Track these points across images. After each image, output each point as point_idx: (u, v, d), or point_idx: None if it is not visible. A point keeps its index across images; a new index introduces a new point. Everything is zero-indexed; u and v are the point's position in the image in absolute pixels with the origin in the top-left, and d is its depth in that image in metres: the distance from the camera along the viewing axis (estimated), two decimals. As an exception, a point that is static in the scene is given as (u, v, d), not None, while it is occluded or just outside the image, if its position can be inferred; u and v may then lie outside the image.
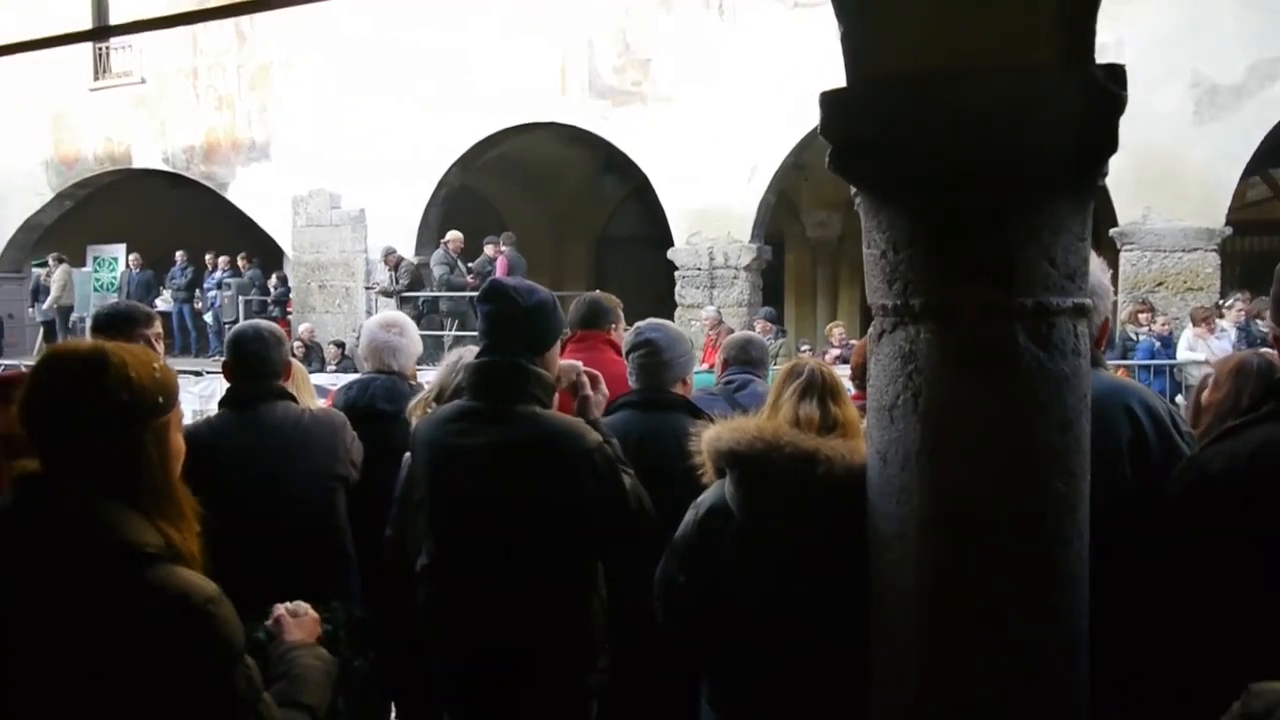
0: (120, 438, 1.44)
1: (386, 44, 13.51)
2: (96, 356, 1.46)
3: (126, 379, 1.44)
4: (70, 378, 1.45)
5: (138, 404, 1.45)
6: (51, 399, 1.45)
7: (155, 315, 3.24)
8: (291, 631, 1.76)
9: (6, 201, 17.38)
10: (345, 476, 3.06)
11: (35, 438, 1.47)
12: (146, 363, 1.50)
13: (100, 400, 1.42)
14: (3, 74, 15.59)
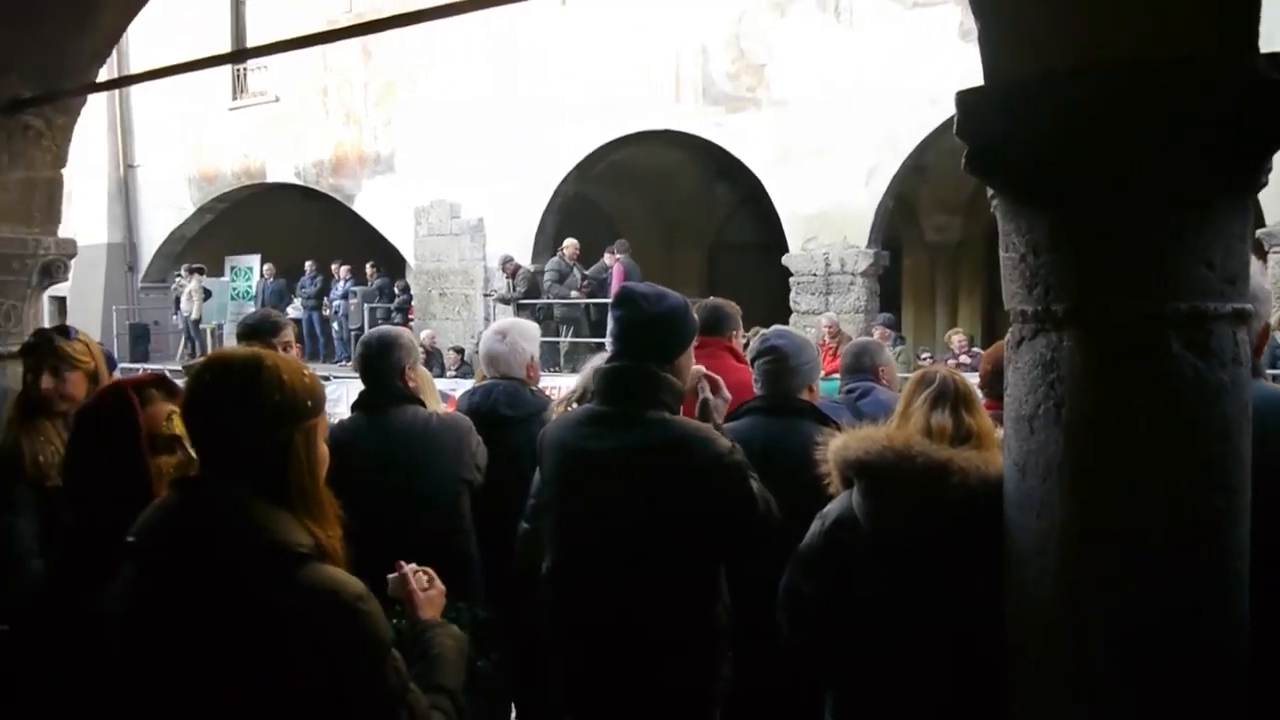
0: (273, 440, 1.50)
1: (504, 57, 13.80)
2: (252, 362, 1.53)
3: (280, 383, 1.50)
4: (228, 382, 1.52)
5: (290, 407, 1.51)
6: (210, 403, 1.53)
7: (289, 323, 3.38)
8: (423, 608, 1.80)
9: (153, 216, 18.47)
10: (470, 480, 3.12)
11: (195, 440, 1.55)
12: (298, 368, 1.56)
13: (255, 403, 1.49)
14: (151, 97, 16.57)
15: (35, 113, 3.77)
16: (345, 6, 15.44)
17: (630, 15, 12.99)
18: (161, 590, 1.45)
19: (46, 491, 2.95)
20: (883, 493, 2.07)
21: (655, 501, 2.31)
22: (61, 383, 3.09)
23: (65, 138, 3.93)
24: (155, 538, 1.48)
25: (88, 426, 1.97)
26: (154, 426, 1.93)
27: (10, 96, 3.68)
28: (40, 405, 3.06)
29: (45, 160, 3.89)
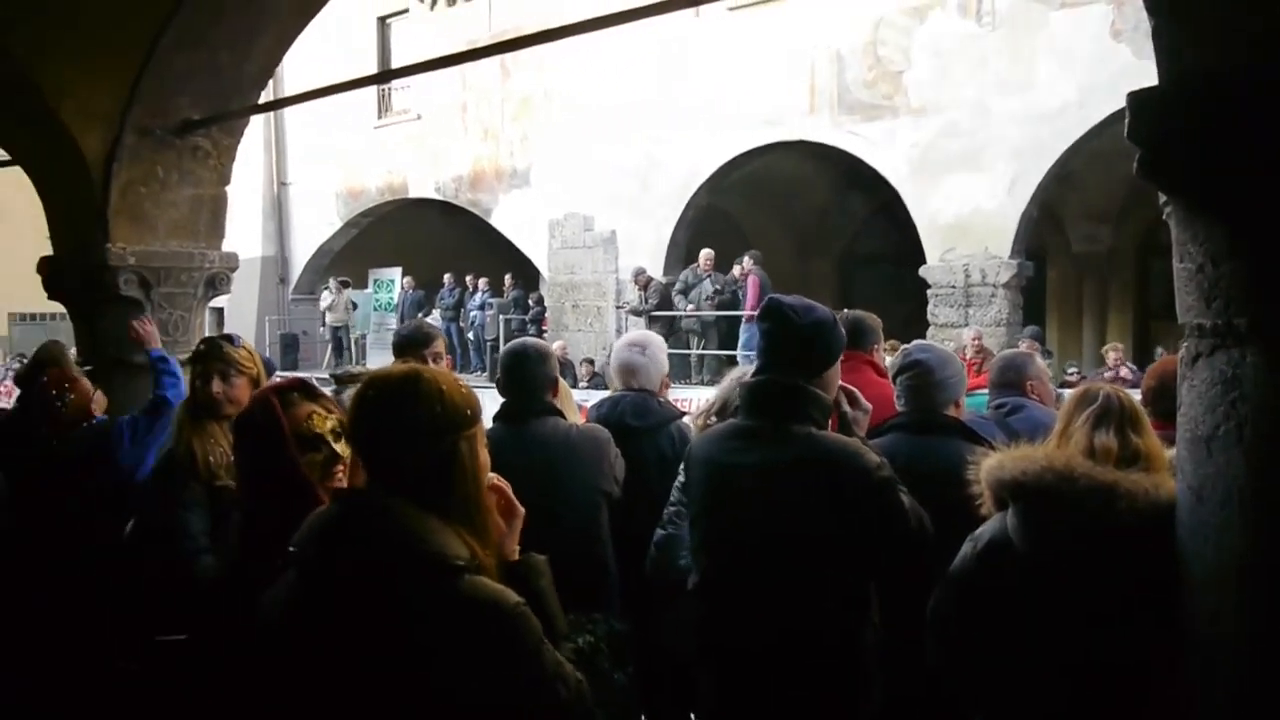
0: (434, 452, 1.54)
1: (636, 71, 13.92)
2: (410, 378, 1.58)
3: (438, 395, 1.54)
4: (388, 400, 1.57)
5: (449, 418, 1.54)
6: (372, 420, 1.58)
7: (439, 334, 3.48)
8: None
9: (303, 230, 19.41)
10: (609, 492, 3.13)
11: (360, 453, 1.60)
12: (454, 380, 1.60)
13: (415, 418, 1.53)
14: (302, 118, 17.43)
15: (203, 134, 4.01)
16: (484, 26, 15.91)
17: (763, 26, 12.94)
18: (322, 598, 1.50)
19: (216, 490, 3.12)
20: (1041, 516, 1.98)
21: (803, 518, 2.27)
22: (228, 387, 3.26)
23: (230, 157, 4.16)
24: (317, 547, 1.53)
25: (243, 431, 2.07)
26: (297, 426, 2.04)
27: (181, 119, 3.93)
28: (208, 408, 3.24)
29: (211, 178, 4.14)
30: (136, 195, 3.88)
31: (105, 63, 3.71)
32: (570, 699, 1.53)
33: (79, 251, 3.93)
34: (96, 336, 3.93)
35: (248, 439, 2.07)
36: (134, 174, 3.85)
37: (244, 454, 2.10)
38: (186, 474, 3.13)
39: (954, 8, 11.70)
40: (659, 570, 2.96)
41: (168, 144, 3.92)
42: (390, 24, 18.02)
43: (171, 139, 3.92)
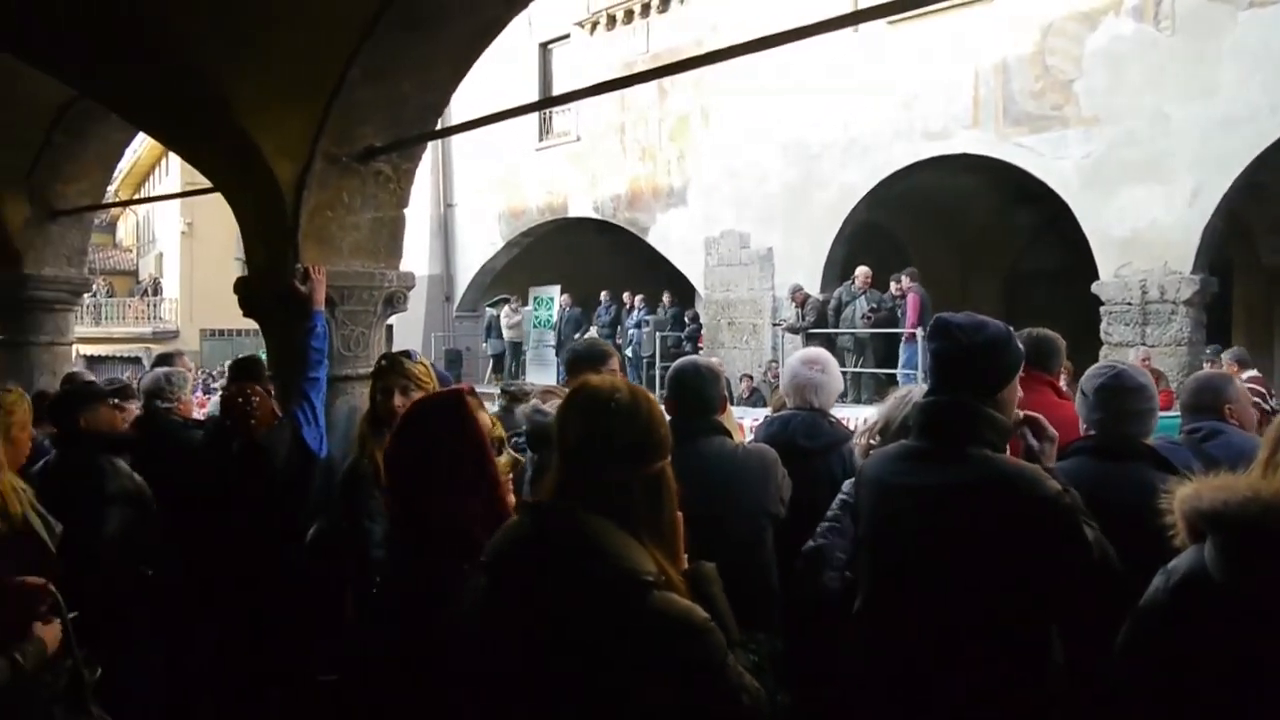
0: (640, 474, 1.56)
1: (794, 87, 13.85)
2: (638, 397, 1.61)
3: (654, 416, 1.57)
4: (611, 415, 1.59)
5: (658, 443, 1.57)
6: (590, 432, 1.60)
7: (614, 352, 3.53)
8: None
9: (467, 250, 20.17)
10: (775, 513, 3.11)
11: (564, 465, 1.62)
12: (657, 401, 1.62)
13: (626, 439, 1.55)
14: (467, 143, 18.13)
15: (384, 160, 4.22)
16: (643, 48, 16.18)
17: (924, 39, 12.66)
18: (513, 607, 1.55)
19: (396, 501, 3.27)
20: (1245, 549, 1.84)
21: (975, 544, 2.18)
22: (409, 401, 3.40)
23: (408, 181, 4.37)
24: (511, 557, 1.58)
25: (438, 424, 2.08)
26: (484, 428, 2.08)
27: (365, 146, 4.15)
28: (389, 421, 3.39)
29: (391, 201, 4.34)
30: (323, 218, 4.12)
31: (298, 97, 3.96)
32: (751, 708, 1.54)
33: (271, 272, 4.19)
34: (286, 351, 4.18)
35: (446, 432, 2.04)
36: (321, 199, 4.09)
37: (443, 448, 2.06)
38: (370, 484, 3.29)
39: (1129, 12, 11.14)
40: (801, 582, 2.92)
41: (352, 170, 4.15)
42: (552, 50, 18.56)
43: (355, 165, 4.15)
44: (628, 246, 17.67)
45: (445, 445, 1.98)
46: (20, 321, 6.90)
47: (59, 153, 6.54)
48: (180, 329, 26.82)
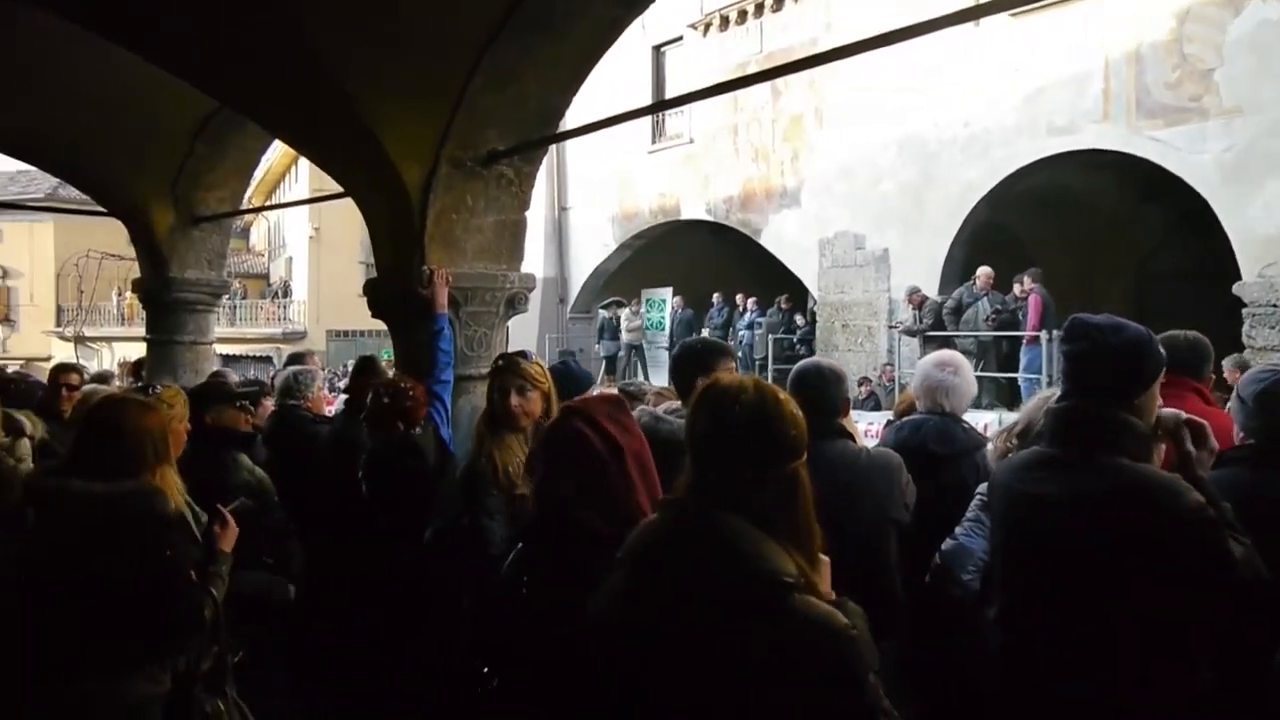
0: (779, 474, 1.54)
1: (912, 84, 13.56)
2: (772, 396, 1.59)
3: (786, 416, 1.54)
4: (747, 414, 1.57)
5: (797, 443, 1.54)
6: (725, 432, 1.57)
7: (731, 351, 3.51)
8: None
9: (581, 253, 20.40)
10: (899, 520, 3.04)
11: (695, 466, 1.61)
12: (790, 400, 1.59)
13: (774, 437, 1.53)
14: (581, 146, 18.32)
15: (507, 163, 4.29)
16: (755, 48, 16.08)
17: (1050, 30, 12.22)
18: (651, 605, 1.54)
19: (514, 499, 3.32)
20: None
21: (1110, 555, 2.08)
22: (524, 401, 3.46)
23: (530, 184, 4.43)
24: (649, 554, 1.57)
25: (585, 428, 2.09)
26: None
27: (488, 150, 4.23)
28: (506, 421, 3.45)
29: (513, 205, 4.42)
30: (448, 222, 4.21)
31: (424, 103, 4.07)
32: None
33: (397, 274, 4.31)
34: (413, 351, 4.29)
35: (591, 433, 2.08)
36: (446, 202, 4.19)
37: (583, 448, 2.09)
38: (488, 483, 3.34)
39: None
40: (940, 580, 2.84)
41: (476, 174, 4.24)
42: (664, 52, 18.61)
43: (479, 169, 4.23)
44: (740, 248, 17.58)
45: (592, 448, 2.00)
46: (166, 321, 7.29)
47: (201, 162, 6.87)
48: (308, 330, 27.87)
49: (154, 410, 2.94)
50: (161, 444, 2.83)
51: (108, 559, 2.56)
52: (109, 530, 2.58)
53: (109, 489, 2.63)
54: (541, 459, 2.17)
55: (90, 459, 2.73)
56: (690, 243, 19.05)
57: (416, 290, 4.09)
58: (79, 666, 2.60)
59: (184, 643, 2.71)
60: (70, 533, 2.62)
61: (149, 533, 2.61)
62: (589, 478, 1.99)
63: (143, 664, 2.65)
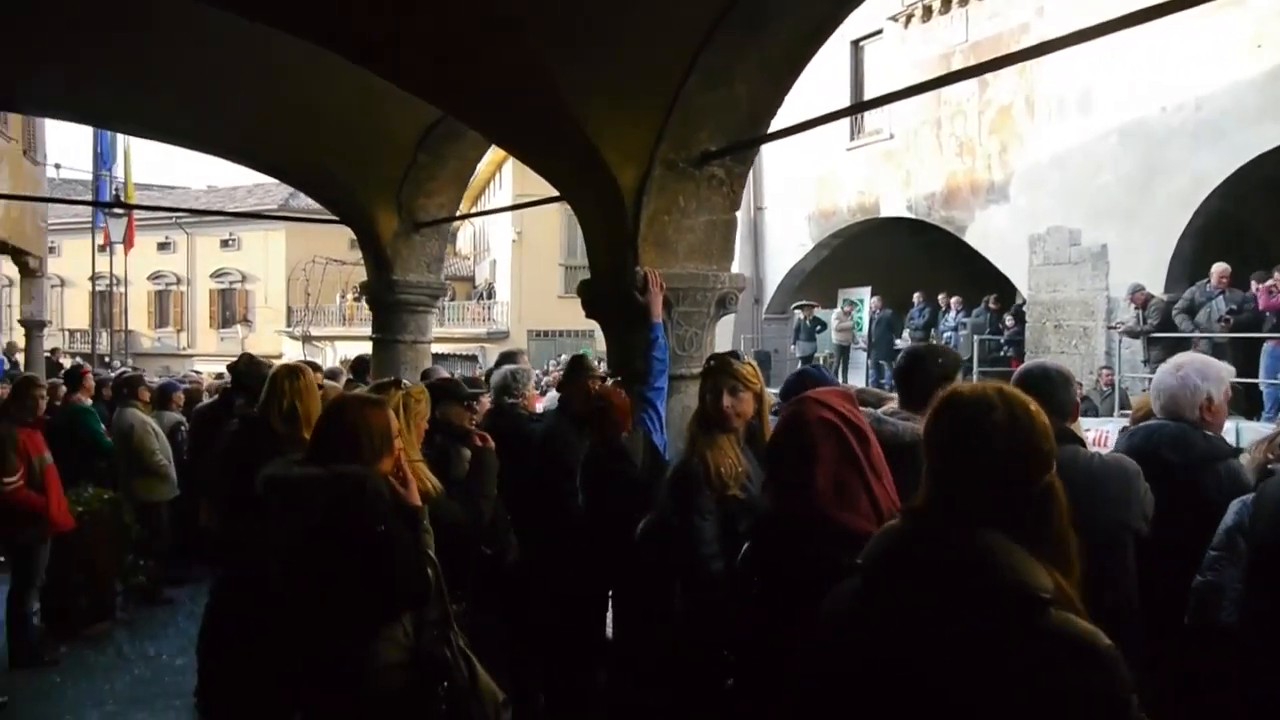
0: (1037, 485, 1.48)
1: (1133, 65, 12.66)
2: (1024, 406, 1.52)
3: (1046, 429, 1.48)
4: (1001, 424, 1.51)
5: (1046, 452, 1.48)
6: (975, 442, 1.53)
7: (960, 359, 3.40)
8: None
9: (777, 253, 20.26)
10: (1137, 530, 2.85)
11: (941, 473, 1.56)
12: (1039, 410, 1.52)
13: (1027, 448, 1.48)
14: (778, 147, 18.18)
15: (719, 163, 4.31)
16: (961, 38, 15.49)
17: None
18: (889, 615, 1.50)
19: (726, 500, 3.33)
20: None
21: None
22: (736, 401, 3.46)
23: (741, 184, 4.44)
24: (890, 563, 1.53)
25: (824, 431, 2.07)
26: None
27: (701, 151, 4.26)
28: (718, 422, 3.45)
29: (724, 205, 4.44)
30: (661, 223, 4.28)
31: (639, 106, 4.14)
32: None
33: (612, 275, 4.41)
34: (625, 351, 4.38)
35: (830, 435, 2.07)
36: (660, 204, 4.25)
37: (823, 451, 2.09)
38: (700, 483, 3.36)
39: None
40: (1200, 620, 2.65)
41: (688, 175, 4.28)
42: (863, 47, 18.21)
43: (691, 170, 4.27)
44: (942, 246, 16.96)
45: (845, 439, 1.98)
46: (389, 321, 7.77)
47: (422, 171, 7.28)
48: (510, 330, 28.98)
49: (378, 406, 3.15)
50: (383, 437, 3.04)
51: (332, 534, 2.81)
52: (331, 509, 2.82)
53: (328, 472, 2.89)
54: (788, 451, 2.15)
55: (320, 448, 3.02)
56: (889, 241, 18.53)
57: (631, 291, 4.17)
58: (327, 629, 2.88)
59: (416, 605, 2.93)
60: (301, 513, 2.89)
61: (362, 509, 2.82)
62: (846, 471, 1.96)
63: (380, 625, 2.89)
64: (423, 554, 2.98)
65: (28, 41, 6.18)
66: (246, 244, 38.75)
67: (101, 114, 8.96)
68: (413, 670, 2.90)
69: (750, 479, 3.39)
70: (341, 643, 2.88)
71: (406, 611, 2.94)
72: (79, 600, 6.65)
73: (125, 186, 24.12)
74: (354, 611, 2.85)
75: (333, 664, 2.89)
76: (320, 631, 2.90)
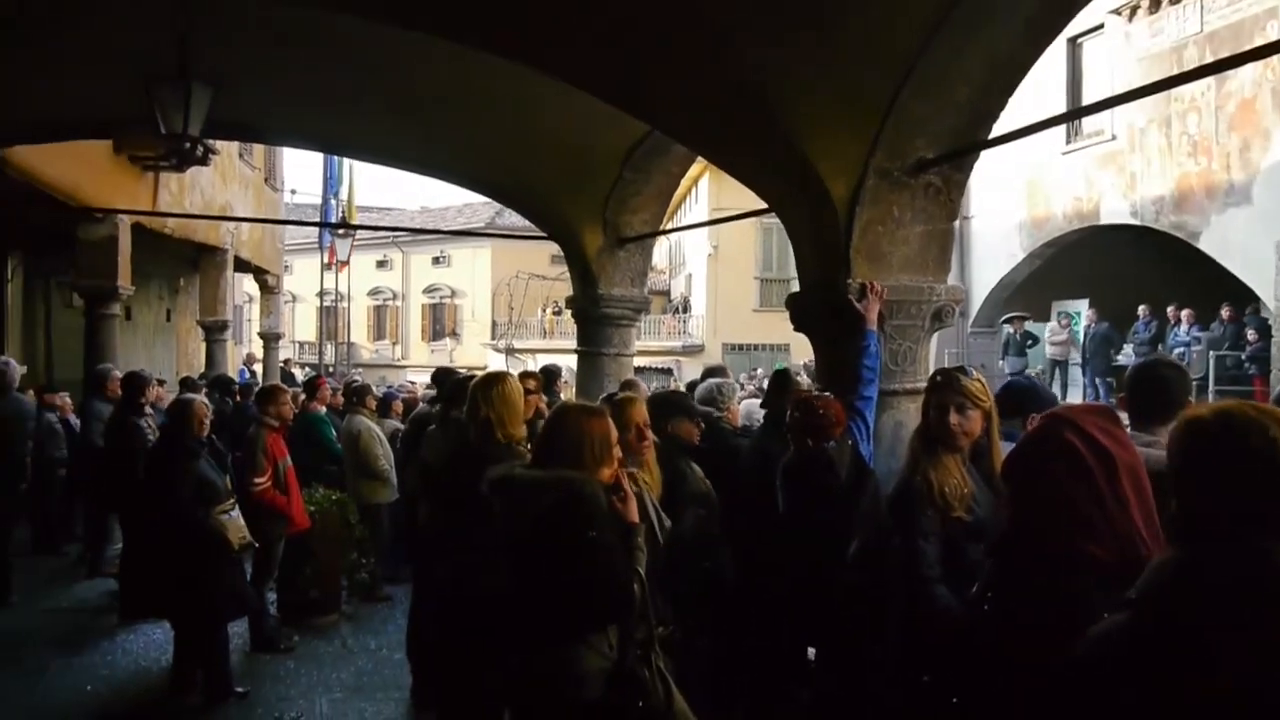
0: None
1: None
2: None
3: None
4: (1267, 446, 1.43)
5: None
6: (1258, 462, 1.43)
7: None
8: None
9: (984, 263, 19.38)
10: None
11: (1222, 497, 1.46)
12: None
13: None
14: (988, 155, 17.41)
15: (936, 171, 4.14)
16: (1195, 28, 14.37)
17: None
18: (1168, 654, 1.38)
19: (950, 522, 3.17)
20: None
21: None
22: (964, 420, 3.30)
23: (959, 192, 4.25)
24: (1164, 596, 1.41)
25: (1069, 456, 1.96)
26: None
27: (917, 159, 4.11)
28: (943, 439, 3.30)
29: (940, 214, 4.26)
30: (874, 234, 4.15)
31: (852, 115, 4.03)
32: None
33: (822, 287, 4.31)
34: (833, 365, 4.28)
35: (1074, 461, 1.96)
36: (873, 214, 4.13)
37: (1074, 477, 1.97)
38: (924, 503, 3.22)
39: None
40: None
41: (903, 184, 4.13)
42: (1081, 43, 17.19)
43: (906, 179, 4.13)
44: (1168, 254, 15.67)
45: (1084, 463, 1.85)
46: (594, 334, 7.93)
47: (628, 187, 7.40)
48: (705, 343, 29.09)
49: (599, 415, 3.20)
50: (604, 445, 3.10)
51: (546, 535, 2.88)
52: (547, 513, 2.89)
53: (549, 475, 2.98)
54: (1025, 474, 2.03)
55: (543, 453, 3.13)
56: (1108, 250, 17.31)
57: (843, 304, 4.06)
58: (537, 631, 2.96)
59: (617, 617, 2.93)
60: (522, 514, 2.97)
61: (576, 513, 2.87)
62: (1085, 501, 1.83)
63: (586, 636, 2.93)
64: (631, 569, 3.00)
65: (271, 77, 6.73)
66: (456, 261, 40.80)
67: (333, 141, 9.63)
68: (613, 683, 2.93)
69: (977, 501, 3.22)
70: (550, 646, 2.94)
71: (610, 623, 2.97)
72: (309, 593, 7.13)
73: (348, 208, 25.91)
74: (561, 616, 2.90)
75: (541, 666, 2.96)
76: (531, 633, 2.97)
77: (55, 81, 6.66)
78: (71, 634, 6.92)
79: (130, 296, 11.47)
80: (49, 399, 9.86)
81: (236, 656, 6.08)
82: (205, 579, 5.38)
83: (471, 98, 6.51)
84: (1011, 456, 2.31)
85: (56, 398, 9.94)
